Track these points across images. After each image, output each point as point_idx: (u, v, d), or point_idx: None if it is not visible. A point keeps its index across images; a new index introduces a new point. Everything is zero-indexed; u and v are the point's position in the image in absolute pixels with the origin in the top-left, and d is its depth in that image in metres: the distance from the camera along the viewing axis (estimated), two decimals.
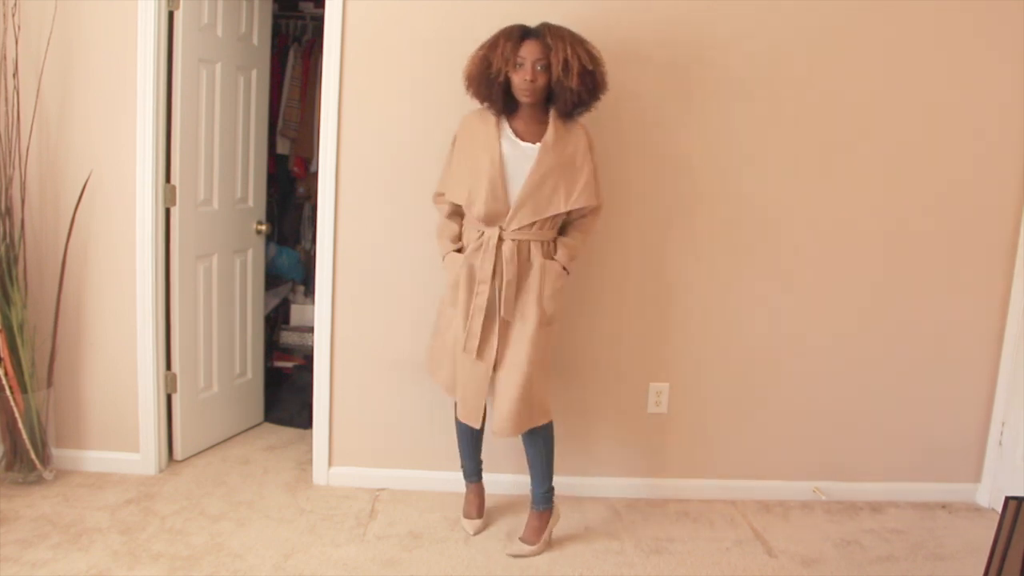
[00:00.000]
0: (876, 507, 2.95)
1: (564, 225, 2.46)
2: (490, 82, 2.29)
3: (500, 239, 2.33)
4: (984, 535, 2.66)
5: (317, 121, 3.02)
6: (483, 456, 2.72)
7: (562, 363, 2.84)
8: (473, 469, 2.67)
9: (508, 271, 2.33)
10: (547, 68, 2.25)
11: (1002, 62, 2.79)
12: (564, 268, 2.41)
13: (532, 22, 2.41)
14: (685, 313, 2.87)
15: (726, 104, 2.75)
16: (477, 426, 2.44)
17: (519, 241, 2.35)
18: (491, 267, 2.33)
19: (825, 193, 2.83)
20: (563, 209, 2.35)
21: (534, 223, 2.34)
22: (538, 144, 2.33)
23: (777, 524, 2.79)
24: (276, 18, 3.66)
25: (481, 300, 2.35)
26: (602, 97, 2.35)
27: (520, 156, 2.33)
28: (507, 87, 2.31)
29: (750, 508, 2.90)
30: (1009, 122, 2.83)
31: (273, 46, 3.46)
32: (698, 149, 2.78)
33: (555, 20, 2.36)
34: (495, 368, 2.39)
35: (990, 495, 2.99)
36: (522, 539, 2.52)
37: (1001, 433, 2.96)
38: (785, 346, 2.91)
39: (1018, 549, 1.85)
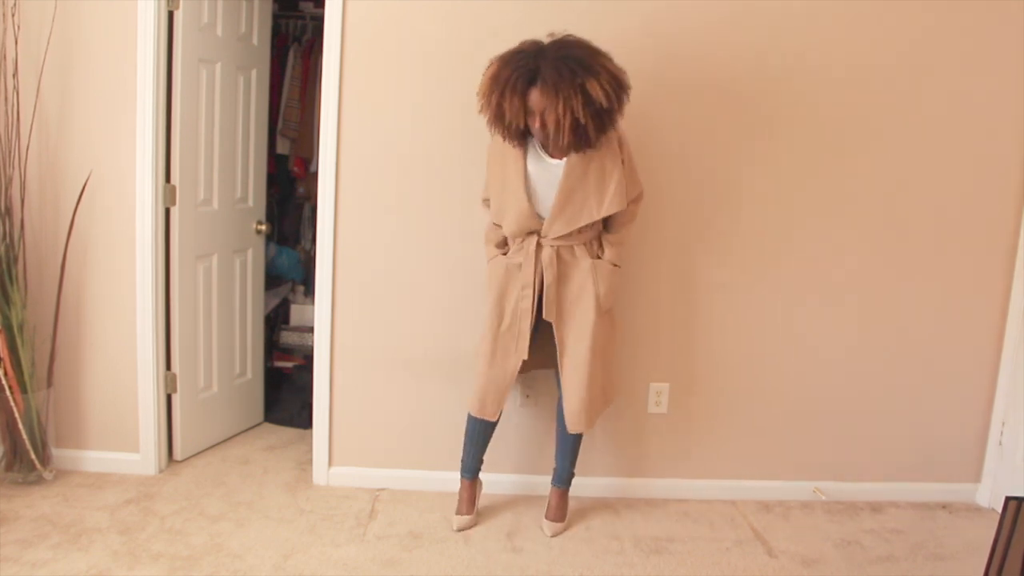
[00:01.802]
0: (876, 507, 2.95)
1: (607, 218, 2.47)
2: (506, 128, 2.31)
3: (539, 245, 2.41)
4: (984, 535, 2.66)
5: (317, 121, 3.02)
6: (484, 455, 2.73)
7: None
8: (474, 466, 2.67)
9: (548, 275, 2.42)
10: None
11: (1002, 62, 2.79)
12: (614, 264, 2.49)
13: (533, 23, 2.40)
14: (685, 314, 2.87)
15: (732, 110, 2.75)
16: (494, 419, 2.54)
17: (560, 246, 2.42)
18: (532, 271, 2.41)
19: (824, 194, 2.83)
20: (596, 217, 2.38)
21: (571, 232, 2.40)
22: (563, 160, 2.35)
23: (777, 524, 2.79)
24: (276, 18, 3.66)
25: (526, 303, 2.43)
26: (611, 128, 2.28)
27: (546, 172, 2.38)
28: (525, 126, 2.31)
29: (750, 508, 2.90)
30: (1009, 123, 2.82)
31: (273, 46, 3.46)
32: (701, 152, 2.78)
33: (558, 21, 2.35)
34: (561, 370, 2.49)
35: (990, 495, 2.99)
36: (551, 518, 2.65)
37: (1001, 433, 2.96)
38: (785, 346, 2.91)
39: (1018, 549, 1.85)
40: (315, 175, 2.98)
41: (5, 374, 2.64)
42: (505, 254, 2.51)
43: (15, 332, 2.65)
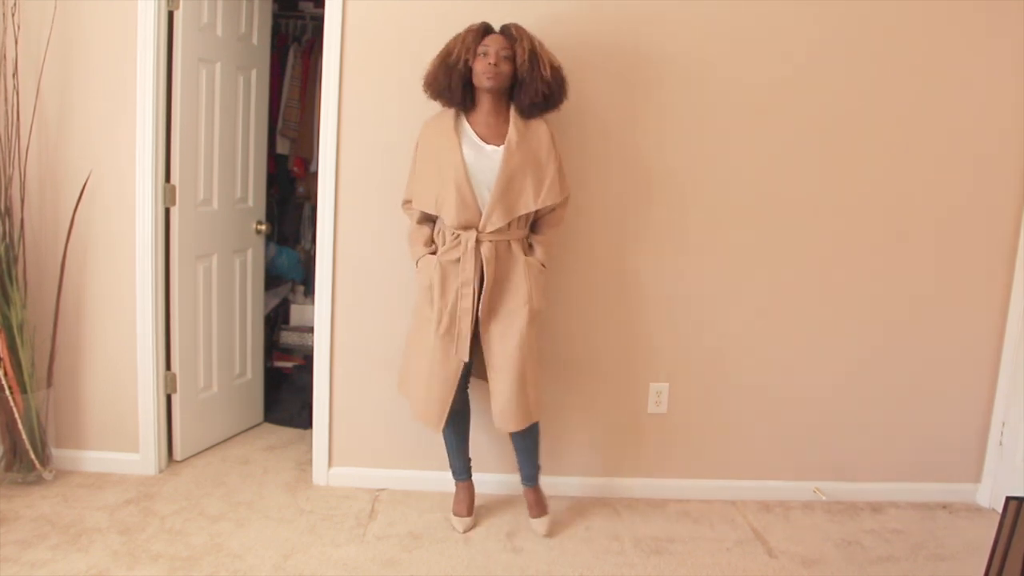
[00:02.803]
0: (876, 507, 2.95)
1: (534, 220, 2.48)
2: (449, 69, 2.30)
3: (478, 240, 2.33)
4: (984, 535, 2.66)
5: (317, 121, 3.02)
6: (473, 457, 2.72)
7: (562, 363, 2.84)
8: (462, 467, 2.67)
9: (489, 271, 2.34)
10: (510, 59, 2.29)
11: (1002, 62, 2.78)
12: (543, 264, 2.46)
13: (533, 22, 2.41)
14: (686, 314, 2.87)
15: (724, 107, 2.75)
16: (439, 430, 2.46)
17: (497, 242, 2.36)
18: (473, 268, 2.33)
19: (825, 194, 2.83)
20: (532, 208, 2.35)
21: (510, 223, 2.36)
22: (501, 146, 2.34)
23: (777, 524, 2.79)
24: (276, 18, 3.66)
25: (467, 302, 2.35)
26: (561, 104, 2.40)
27: (484, 159, 2.34)
28: (467, 79, 2.33)
29: (750, 508, 2.90)
30: (1009, 123, 2.82)
31: (273, 46, 3.46)
32: (699, 152, 2.78)
33: (558, 19, 2.37)
34: (488, 368, 2.42)
35: (990, 495, 2.99)
36: (536, 515, 2.62)
37: (1001, 433, 2.96)
38: (786, 346, 2.91)
39: (1018, 549, 1.85)
40: (315, 175, 2.98)
41: (5, 374, 2.64)
42: (433, 252, 2.43)
43: (15, 332, 2.65)
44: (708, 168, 2.79)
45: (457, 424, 2.59)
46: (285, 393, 3.64)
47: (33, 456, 2.71)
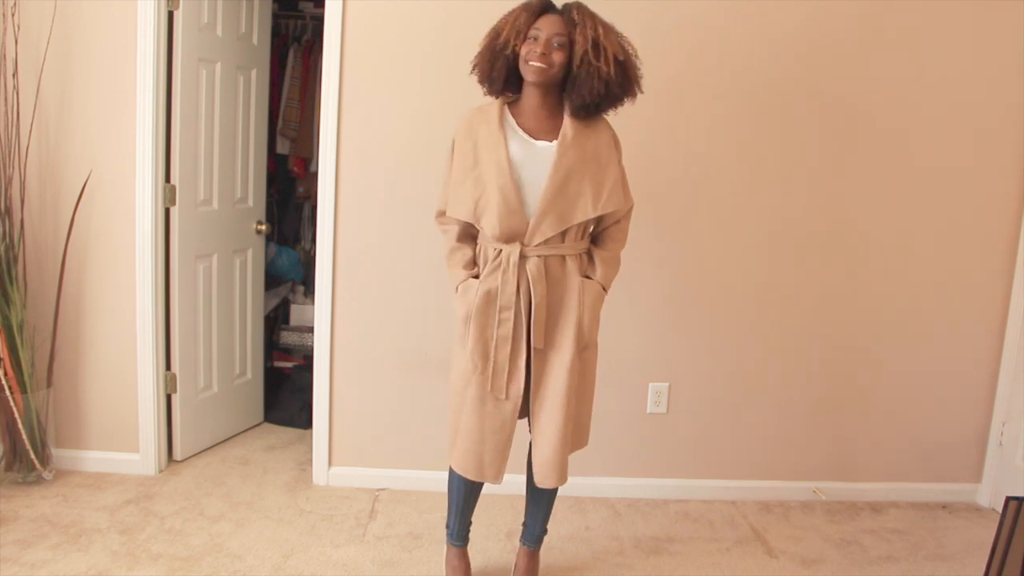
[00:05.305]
0: (876, 507, 2.95)
1: (594, 235, 2.12)
2: (495, 55, 1.95)
3: (522, 256, 1.97)
4: (984, 535, 2.67)
5: (317, 121, 3.02)
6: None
7: None
8: (463, 532, 2.29)
9: (537, 292, 1.96)
10: (564, 47, 1.89)
11: (1002, 62, 2.79)
12: (604, 287, 2.08)
13: None
14: (685, 313, 2.87)
15: (724, 105, 2.75)
16: (499, 482, 2.07)
17: (546, 257, 1.99)
18: (514, 290, 1.97)
19: (825, 193, 2.83)
20: (591, 215, 1.97)
21: (563, 233, 1.98)
22: (554, 142, 1.96)
23: (777, 524, 2.79)
24: (276, 18, 3.66)
25: (506, 330, 1.98)
26: (633, 100, 1.99)
27: (534, 157, 1.96)
28: (514, 67, 1.96)
29: (750, 508, 2.90)
30: (1009, 122, 2.83)
31: (273, 46, 3.46)
32: (700, 151, 2.78)
33: None
34: (533, 408, 2.04)
35: (990, 495, 2.99)
36: None
37: (1001, 433, 2.96)
38: (785, 345, 2.91)
39: (1018, 549, 1.85)
40: (315, 175, 2.98)
41: (5, 374, 2.64)
42: (476, 276, 2.04)
43: (15, 332, 2.65)
44: (708, 168, 2.79)
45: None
46: (285, 393, 3.64)
47: (33, 456, 2.71)
